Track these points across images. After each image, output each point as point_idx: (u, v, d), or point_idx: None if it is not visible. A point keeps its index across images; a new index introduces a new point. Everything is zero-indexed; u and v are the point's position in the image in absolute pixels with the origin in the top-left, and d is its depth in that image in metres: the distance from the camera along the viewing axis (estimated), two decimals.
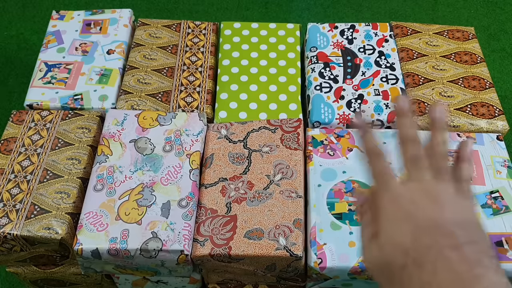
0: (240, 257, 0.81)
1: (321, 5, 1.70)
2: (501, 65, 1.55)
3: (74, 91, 1.02)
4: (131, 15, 1.17)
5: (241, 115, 1.01)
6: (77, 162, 0.91)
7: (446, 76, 1.05)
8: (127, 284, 0.96)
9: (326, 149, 0.94)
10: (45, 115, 0.98)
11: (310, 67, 1.08)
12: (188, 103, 1.01)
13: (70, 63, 1.07)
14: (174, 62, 1.08)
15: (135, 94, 1.02)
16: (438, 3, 1.72)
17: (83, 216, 0.84)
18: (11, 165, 0.90)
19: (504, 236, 0.82)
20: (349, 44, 1.11)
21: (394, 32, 1.14)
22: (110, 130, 0.95)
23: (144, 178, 0.88)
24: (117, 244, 0.81)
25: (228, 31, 1.15)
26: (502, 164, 0.91)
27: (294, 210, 0.85)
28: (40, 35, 1.60)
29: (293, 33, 1.15)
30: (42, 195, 0.87)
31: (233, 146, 0.94)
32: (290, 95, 1.04)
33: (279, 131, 0.95)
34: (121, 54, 1.09)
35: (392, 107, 0.43)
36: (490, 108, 1.00)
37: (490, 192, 0.87)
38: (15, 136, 0.94)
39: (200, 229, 0.84)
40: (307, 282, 0.89)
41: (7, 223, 0.83)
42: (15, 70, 1.53)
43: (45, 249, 0.86)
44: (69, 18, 1.15)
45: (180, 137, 0.94)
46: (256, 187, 0.88)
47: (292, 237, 0.82)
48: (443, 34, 1.13)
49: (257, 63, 1.09)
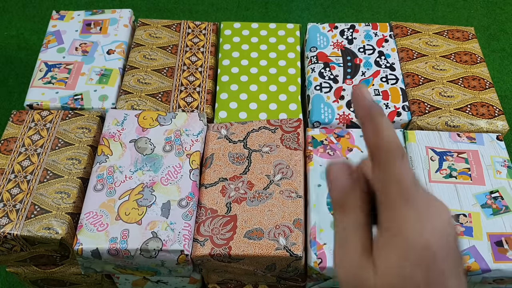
0: (240, 257, 0.81)
1: (321, 5, 1.70)
2: (501, 65, 1.55)
3: (74, 91, 1.02)
4: (131, 15, 1.17)
5: (241, 115, 1.01)
6: (77, 162, 0.91)
7: (446, 76, 1.05)
8: (127, 284, 0.96)
9: (326, 149, 0.94)
10: (45, 115, 0.98)
11: (310, 67, 1.08)
12: (188, 103, 1.01)
13: (70, 63, 1.07)
14: (174, 62, 1.08)
15: (135, 94, 1.02)
16: (438, 3, 1.72)
17: (83, 216, 0.84)
18: (11, 165, 0.91)
19: (504, 236, 0.82)
20: (349, 44, 1.11)
21: (394, 32, 1.14)
22: (110, 130, 0.95)
23: (144, 178, 0.88)
24: (117, 244, 0.81)
25: (228, 31, 1.15)
26: (502, 164, 0.91)
27: (294, 210, 0.85)
28: (40, 35, 1.60)
29: (293, 33, 1.15)
30: (42, 195, 0.87)
31: (233, 146, 0.94)
32: (290, 95, 1.04)
33: (279, 131, 0.95)
34: (121, 54, 1.09)
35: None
36: (490, 108, 1.00)
37: (490, 192, 0.87)
38: (15, 136, 0.95)
39: (200, 229, 0.84)
40: (307, 282, 0.89)
41: (7, 223, 0.83)
42: (15, 70, 1.53)
43: (45, 249, 0.86)
44: (69, 18, 1.15)
45: (180, 137, 0.94)
46: (256, 187, 0.88)
47: (292, 237, 0.82)
48: (443, 34, 1.13)
49: (257, 63, 1.09)
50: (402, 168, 0.28)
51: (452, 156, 0.92)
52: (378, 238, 0.29)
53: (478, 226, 0.83)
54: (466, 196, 0.87)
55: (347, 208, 0.30)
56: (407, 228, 0.28)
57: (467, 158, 0.92)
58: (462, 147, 0.93)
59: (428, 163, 0.91)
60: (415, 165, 0.91)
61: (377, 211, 0.30)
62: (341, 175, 0.31)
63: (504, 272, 0.80)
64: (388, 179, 0.28)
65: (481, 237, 0.82)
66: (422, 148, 0.93)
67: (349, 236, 0.30)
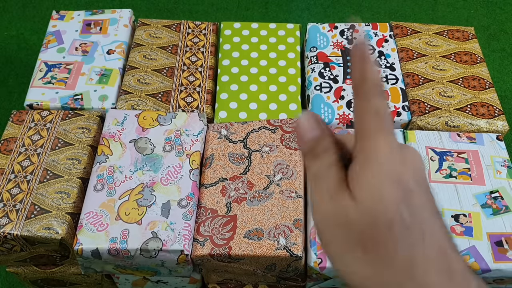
0: (240, 257, 0.81)
1: (321, 5, 1.70)
2: (501, 65, 1.55)
3: (74, 91, 1.02)
4: (131, 15, 1.17)
5: (241, 115, 1.01)
6: (77, 162, 0.91)
7: (446, 76, 1.05)
8: (127, 284, 0.96)
9: None
10: (45, 115, 0.98)
11: (310, 67, 1.08)
12: (188, 103, 1.01)
13: (70, 63, 1.07)
14: (174, 62, 1.08)
15: (135, 94, 1.02)
16: (438, 3, 1.72)
17: (83, 216, 0.84)
18: (11, 165, 0.91)
19: (504, 236, 0.82)
20: (349, 44, 1.11)
21: (394, 32, 1.14)
22: (110, 130, 0.95)
23: (144, 178, 0.88)
24: (117, 244, 0.81)
25: (228, 31, 1.15)
26: (502, 164, 0.91)
27: (294, 210, 0.85)
28: (40, 35, 1.60)
29: (293, 33, 1.15)
30: (42, 195, 0.87)
31: (233, 146, 0.94)
32: (290, 95, 1.04)
33: (279, 131, 0.95)
34: (121, 54, 1.09)
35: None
36: (490, 108, 1.00)
37: (490, 192, 0.87)
38: (15, 136, 0.95)
39: (200, 229, 0.84)
40: (307, 282, 0.89)
41: (7, 223, 0.83)
42: (15, 70, 1.53)
43: (45, 249, 0.86)
44: (69, 18, 1.15)
45: (180, 137, 0.94)
46: (256, 187, 0.88)
47: (292, 237, 0.82)
48: (443, 34, 1.13)
49: (257, 63, 1.09)
50: (382, 102, 0.29)
51: (452, 156, 0.92)
52: (352, 167, 0.30)
53: (478, 226, 0.83)
54: (466, 196, 0.87)
55: (318, 154, 0.31)
56: (382, 156, 0.29)
57: (467, 158, 0.92)
58: (462, 147, 0.93)
59: (428, 163, 0.91)
60: None
61: (353, 147, 0.31)
62: (310, 125, 0.31)
63: (504, 272, 0.80)
64: (368, 108, 0.29)
65: (481, 237, 0.82)
66: (422, 148, 0.93)
67: (323, 175, 0.31)
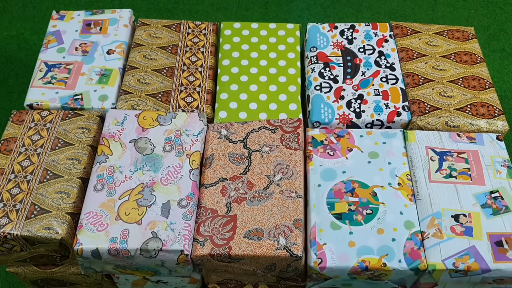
0: (240, 257, 0.81)
1: (321, 5, 1.70)
2: (501, 65, 1.55)
3: (74, 91, 1.02)
4: (131, 15, 1.17)
5: (241, 115, 1.01)
6: (77, 162, 0.91)
7: (446, 76, 1.05)
8: (127, 284, 0.96)
9: (326, 149, 0.94)
10: (45, 115, 0.98)
11: (310, 67, 1.08)
12: (188, 103, 1.01)
13: (70, 63, 1.07)
14: (174, 62, 1.08)
15: (135, 94, 1.02)
16: (438, 3, 1.72)
17: (83, 216, 0.84)
18: (11, 165, 0.91)
19: (504, 236, 0.82)
20: (349, 44, 1.11)
21: (394, 32, 1.14)
22: (110, 130, 0.95)
23: (144, 178, 0.88)
24: (117, 244, 0.81)
25: (228, 31, 1.15)
26: (502, 164, 0.91)
27: (294, 210, 0.85)
28: (40, 35, 1.60)
29: (293, 33, 1.15)
30: (42, 195, 0.87)
31: (233, 146, 0.94)
32: (290, 95, 1.04)
33: (279, 131, 0.95)
34: (121, 54, 1.09)
35: None
36: (490, 108, 1.00)
37: (490, 192, 0.87)
38: (15, 136, 0.95)
39: (200, 229, 0.84)
40: (307, 282, 0.89)
41: (7, 223, 0.83)
42: (15, 70, 1.53)
43: (45, 249, 0.86)
44: (69, 18, 1.15)
45: (180, 137, 0.94)
46: (256, 187, 0.88)
47: (292, 237, 0.82)
48: (443, 34, 1.13)
49: (257, 63, 1.09)
50: None
51: (452, 156, 0.92)
52: None
53: (478, 226, 0.83)
54: (466, 196, 0.87)
55: None
56: None
57: (467, 158, 0.92)
58: (462, 147, 0.93)
59: (428, 163, 0.91)
60: (415, 165, 0.91)
61: None
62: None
63: (504, 272, 0.80)
64: None
65: (481, 237, 0.82)
66: (422, 148, 0.93)
67: None
